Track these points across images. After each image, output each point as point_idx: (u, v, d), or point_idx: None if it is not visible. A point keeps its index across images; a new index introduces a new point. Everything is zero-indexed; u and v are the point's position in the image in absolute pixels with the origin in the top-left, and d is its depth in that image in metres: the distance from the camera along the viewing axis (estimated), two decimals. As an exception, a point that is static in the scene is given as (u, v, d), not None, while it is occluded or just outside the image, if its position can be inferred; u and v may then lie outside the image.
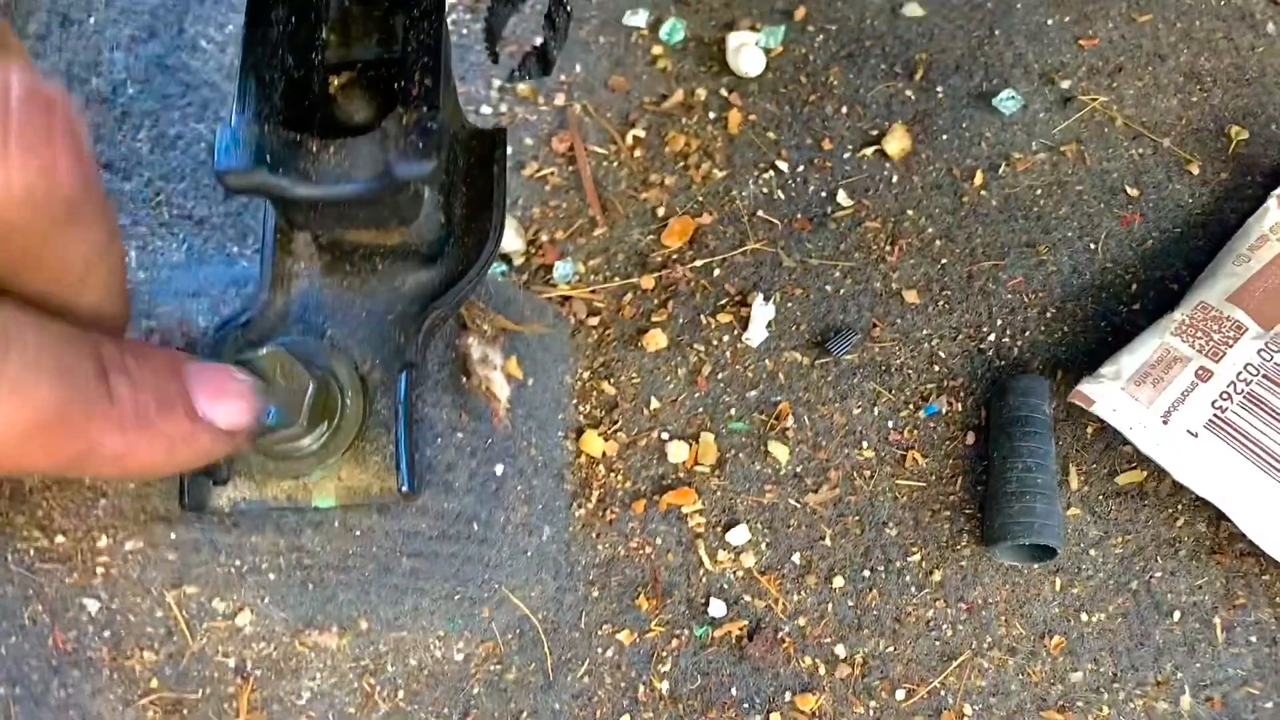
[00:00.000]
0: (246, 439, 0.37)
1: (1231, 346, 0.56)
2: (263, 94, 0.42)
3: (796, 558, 0.58)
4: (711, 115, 0.69)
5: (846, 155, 0.67)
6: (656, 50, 0.71)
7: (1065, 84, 0.68)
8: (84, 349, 0.26)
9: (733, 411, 0.61)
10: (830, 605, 0.57)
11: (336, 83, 0.46)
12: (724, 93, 0.70)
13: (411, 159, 0.41)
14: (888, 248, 0.64)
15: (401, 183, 0.41)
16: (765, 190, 0.67)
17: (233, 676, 0.52)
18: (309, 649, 0.52)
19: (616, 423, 0.61)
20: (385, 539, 0.50)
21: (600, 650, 0.56)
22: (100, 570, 0.50)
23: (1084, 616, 0.56)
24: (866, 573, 0.57)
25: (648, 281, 0.64)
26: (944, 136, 0.67)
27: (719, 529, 0.58)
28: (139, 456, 0.28)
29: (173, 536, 0.49)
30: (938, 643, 0.56)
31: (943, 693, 0.55)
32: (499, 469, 0.52)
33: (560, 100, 0.70)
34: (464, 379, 0.51)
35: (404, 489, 0.46)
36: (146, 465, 0.29)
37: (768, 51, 0.70)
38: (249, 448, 0.43)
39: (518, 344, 0.56)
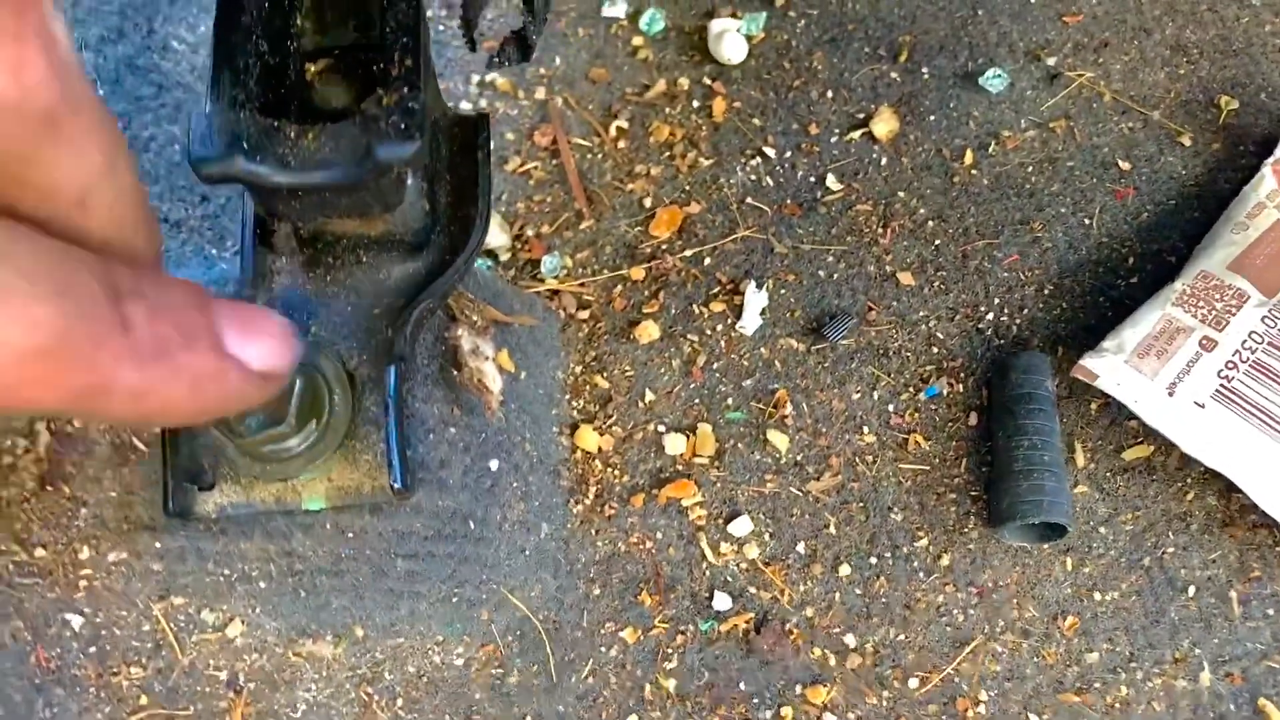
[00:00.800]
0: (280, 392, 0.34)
1: (1234, 315, 0.55)
2: (237, 80, 0.40)
3: (801, 547, 0.56)
4: (695, 104, 0.68)
5: (834, 139, 0.66)
6: (637, 41, 0.70)
7: (1051, 61, 0.67)
8: (92, 270, 0.23)
9: (730, 401, 0.60)
10: (838, 594, 0.56)
11: (313, 69, 0.45)
12: (707, 81, 0.68)
13: (394, 140, 0.39)
14: (880, 230, 0.63)
15: (384, 166, 0.40)
16: (753, 177, 0.66)
17: (225, 690, 0.50)
18: (303, 659, 0.51)
19: (611, 416, 0.59)
20: (379, 540, 0.48)
21: (604, 649, 0.55)
22: (83, 583, 0.48)
23: (1097, 596, 0.55)
24: (873, 560, 0.56)
25: (637, 273, 0.63)
26: (931, 117, 0.66)
27: (720, 521, 0.57)
28: (159, 395, 0.24)
29: (158, 545, 0.47)
30: (949, 628, 0.55)
31: (956, 679, 0.54)
32: (494, 465, 0.51)
33: (541, 94, 0.69)
34: (455, 372, 0.49)
35: (396, 486, 0.44)
36: (168, 406, 0.25)
37: (749, 38, 0.69)
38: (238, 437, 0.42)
39: (508, 337, 0.55)
